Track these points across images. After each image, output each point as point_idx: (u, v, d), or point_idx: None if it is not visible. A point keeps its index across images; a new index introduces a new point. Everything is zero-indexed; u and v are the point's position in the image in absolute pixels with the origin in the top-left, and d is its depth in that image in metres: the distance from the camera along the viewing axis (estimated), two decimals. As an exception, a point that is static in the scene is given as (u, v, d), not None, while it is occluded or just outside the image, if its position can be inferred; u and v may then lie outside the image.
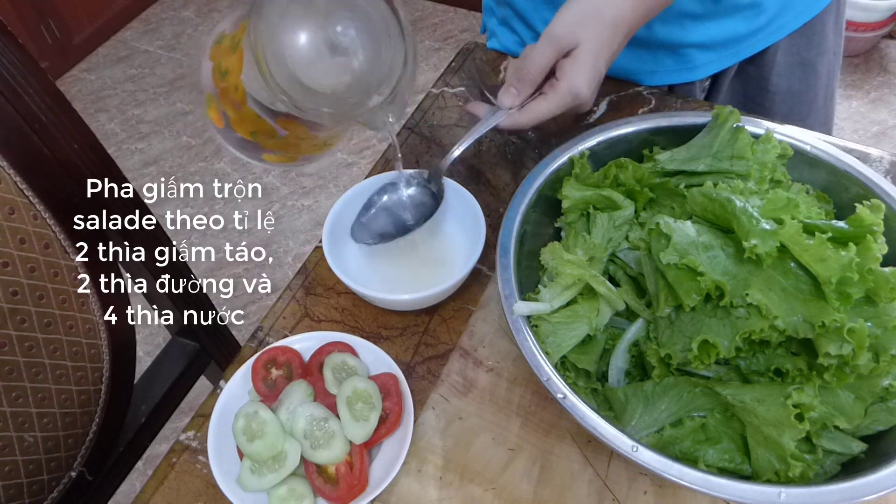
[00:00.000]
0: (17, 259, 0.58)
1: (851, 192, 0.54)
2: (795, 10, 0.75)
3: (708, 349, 0.45)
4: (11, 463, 0.61)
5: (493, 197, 0.70)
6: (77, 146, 0.63)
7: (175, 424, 0.96)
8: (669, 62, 0.76)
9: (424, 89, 0.82)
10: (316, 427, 0.50)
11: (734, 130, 0.56)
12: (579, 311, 0.51)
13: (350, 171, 2.08)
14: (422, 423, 0.54)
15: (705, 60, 0.76)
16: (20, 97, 0.57)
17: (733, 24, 0.73)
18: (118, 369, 0.73)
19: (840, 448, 0.46)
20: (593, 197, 0.56)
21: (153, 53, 2.51)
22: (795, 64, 0.80)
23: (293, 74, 0.46)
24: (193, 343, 0.88)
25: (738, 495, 0.40)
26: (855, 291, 0.42)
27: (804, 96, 0.83)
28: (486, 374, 0.57)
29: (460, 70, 0.83)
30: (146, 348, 1.62)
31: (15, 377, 0.60)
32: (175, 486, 0.52)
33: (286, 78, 0.46)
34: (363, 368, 0.55)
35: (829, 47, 0.81)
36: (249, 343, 0.60)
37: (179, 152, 2.15)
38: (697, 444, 0.46)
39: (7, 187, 0.57)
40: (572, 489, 0.51)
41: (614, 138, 0.59)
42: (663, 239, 0.48)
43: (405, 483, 0.51)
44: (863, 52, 2.16)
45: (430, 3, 2.56)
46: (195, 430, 0.55)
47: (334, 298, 0.63)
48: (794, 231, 0.43)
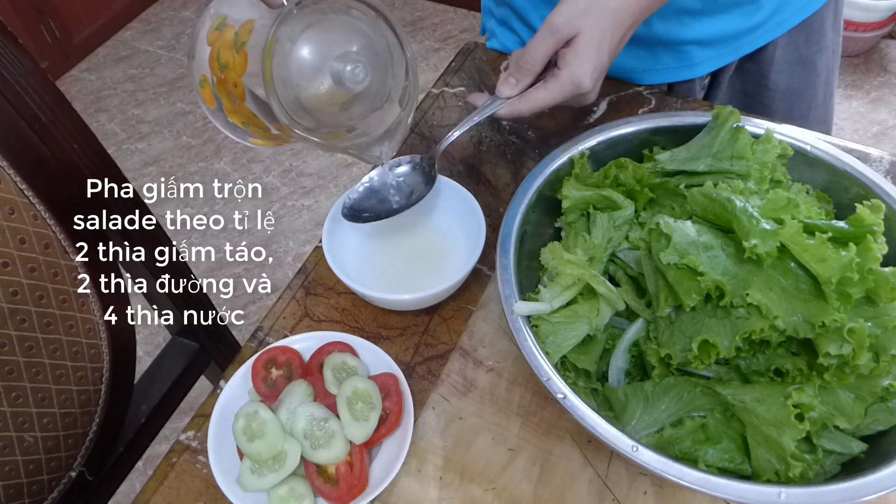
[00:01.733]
0: (17, 259, 0.58)
1: (851, 192, 0.54)
2: (794, 7, 0.75)
3: (708, 349, 0.45)
4: (11, 463, 0.61)
5: (493, 197, 0.70)
6: (77, 146, 0.63)
7: (175, 424, 0.96)
8: (668, 59, 0.76)
9: (424, 89, 0.82)
10: (316, 427, 0.50)
11: (734, 130, 0.56)
12: (579, 311, 0.51)
13: (350, 171, 2.08)
14: (422, 423, 0.54)
15: (704, 57, 0.76)
16: (20, 97, 0.57)
17: (732, 20, 0.73)
18: (118, 369, 0.73)
19: (840, 448, 0.46)
20: (593, 197, 0.56)
21: (153, 53, 2.51)
22: (795, 61, 0.80)
23: (297, 97, 0.47)
24: (193, 343, 0.88)
25: (738, 495, 0.40)
26: (855, 291, 0.42)
27: (804, 94, 0.84)
28: (486, 374, 0.57)
29: (460, 70, 0.83)
30: (146, 348, 1.62)
31: (15, 377, 0.60)
32: (175, 486, 0.52)
33: (290, 100, 0.47)
34: (363, 368, 0.55)
35: (828, 44, 0.81)
36: (249, 343, 0.60)
37: (179, 152, 2.15)
38: (697, 444, 0.46)
39: (7, 187, 0.57)
40: (572, 489, 0.51)
41: (614, 138, 0.59)
42: (663, 239, 0.48)
43: (405, 483, 0.51)
44: (863, 52, 2.16)
45: (430, 3, 2.56)
46: (195, 430, 0.55)
47: (334, 298, 0.63)
48: (794, 231, 0.43)
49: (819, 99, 0.85)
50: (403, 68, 0.52)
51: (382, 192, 0.60)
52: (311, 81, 0.48)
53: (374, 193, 0.60)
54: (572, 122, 0.76)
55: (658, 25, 0.72)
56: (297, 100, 0.48)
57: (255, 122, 0.51)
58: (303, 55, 0.47)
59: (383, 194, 0.60)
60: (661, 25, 0.72)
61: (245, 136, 0.54)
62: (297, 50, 0.47)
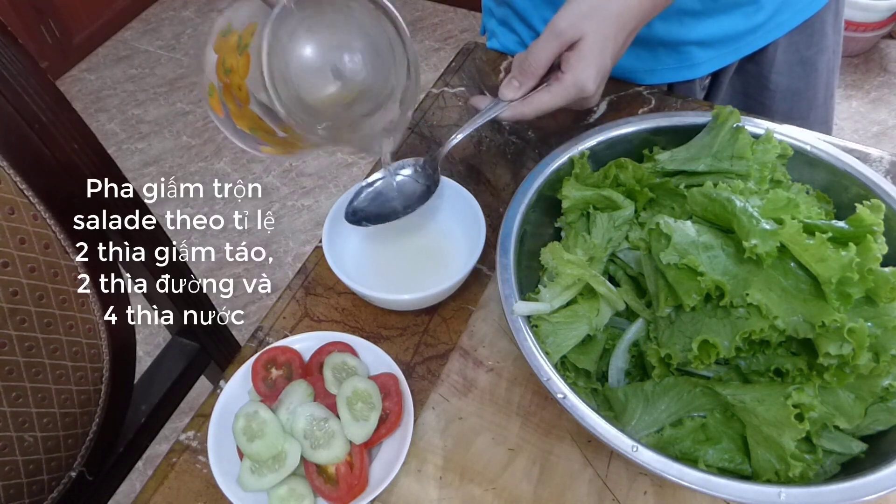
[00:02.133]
0: (17, 259, 0.58)
1: (851, 192, 0.54)
2: (795, 8, 0.75)
3: (708, 349, 0.45)
4: (11, 463, 0.61)
5: (493, 197, 0.70)
6: (77, 146, 0.63)
7: (175, 424, 0.96)
8: (669, 60, 0.76)
9: (424, 89, 0.82)
10: (316, 427, 0.50)
11: (734, 130, 0.56)
12: (579, 311, 0.51)
13: (350, 171, 2.08)
14: (422, 423, 0.54)
15: (705, 58, 0.76)
16: (20, 97, 0.57)
17: (732, 21, 0.73)
18: (118, 369, 0.73)
19: (840, 448, 0.46)
20: (593, 197, 0.56)
21: (153, 53, 2.51)
22: (795, 62, 0.80)
23: (298, 96, 0.47)
24: (193, 343, 0.88)
25: (738, 495, 0.40)
26: (855, 291, 0.42)
27: (804, 94, 0.84)
28: (486, 374, 0.57)
29: (460, 70, 0.83)
30: (146, 348, 1.62)
31: (15, 377, 0.60)
32: (175, 486, 0.52)
33: (291, 98, 0.47)
34: (363, 368, 0.55)
35: (829, 45, 0.81)
36: (249, 343, 0.60)
37: (179, 152, 2.15)
38: (697, 444, 0.46)
39: (7, 187, 0.57)
40: (572, 489, 0.51)
41: (614, 138, 0.59)
42: (663, 239, 0.48)
43: (405, 483, 0.51)
44: (863, 52, 2.16)
45: (430, 3, 2.56)
46: (195, 430, 0.55)
47: (334, 298, 0.63)
48: (794, 231, 0.43)
49: (819, 99, 0.85)
50: (405, 66, 0.52)
51: (385, 195, 0.60)
52: (311, 78, 0.48)
53: (378, 196, 0.60)
54: (572, 122, 0.76)
55: (659, 26, 0.72)
56: (298, 98, 0.47)
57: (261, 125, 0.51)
58: (301, 52, 0.47)
59: (386, 198, 0.60)
60: (662, 26, 0.72)
61: (255, 144, 0.54)
62: (295, 47, 0.46)
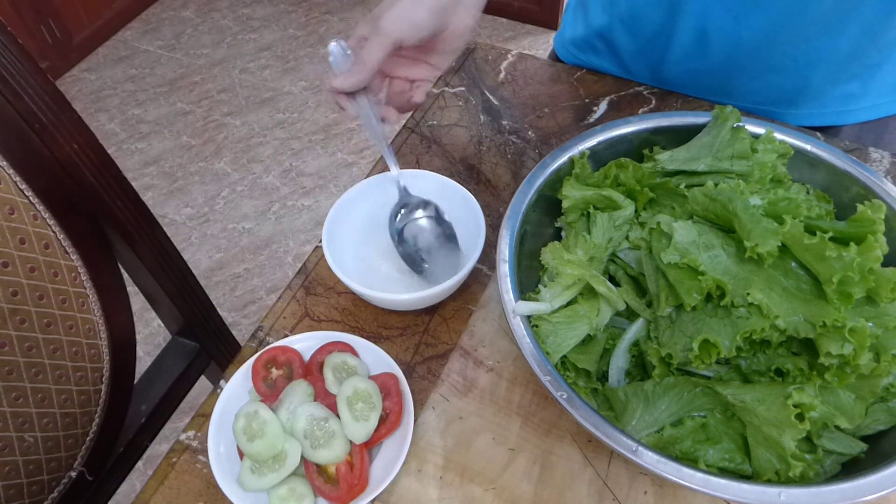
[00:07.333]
0: (17, 259, 0.58)
1: (851, 192, 0.54)
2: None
3: (709, 349, 0.45)
4: (11, 463, 0.61)
5: (493, 197, 0.70)
6: (77, 146, 0.63)
7: (175, 424, 0.96)
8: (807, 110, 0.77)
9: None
10: (316, 427, 0.50)
11: (734, 130, 0.56)
12: (579, 310, 0.51)
13: (350, 171, 2.08)
14: (422, 423, 0.54)
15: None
16: (20, 97, 0.57)
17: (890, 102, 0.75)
18: (118, 369, 0.73)
19: (840, 448, 0.46)
20: (593, 197, 0.56)
21: (153, 53, 2.51)
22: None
23: None
24: (193, 343, 0.88)
25: (738, 495, 0.40)
26: (856, 291, 0.42)
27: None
28: (487, 374, 0.57)
29: (460, 70, 0.83)
30: (146, 348, 1.62)
31: (15, 377, 0.60)
32: (175, 486, 0.52)
33: None
34: (363, 368, 0.55)
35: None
36: (249, 343, 0.60)
37: (179, 152, 2.15)
38: (697, 444, 0.46)
39: (7, 187, 0.57)
40: (572, 489, 0.51)
41: (614, 138, 0.59)
42: (664, 238, 0.48)
43: (405, 483, 0.51)
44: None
45: (430, 3, 2.55)
46: (195, 429, 0.55)
47: (334, 298, 0.63)
48: (795, 230, 0.43)
49: None
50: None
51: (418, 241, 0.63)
52: None
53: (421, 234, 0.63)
54: (572, 122, 0.76)
55: (817, 108, 0.75)
56: None
57: None
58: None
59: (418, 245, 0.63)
60: (819, 110, 0.75)
61: None
62: None
